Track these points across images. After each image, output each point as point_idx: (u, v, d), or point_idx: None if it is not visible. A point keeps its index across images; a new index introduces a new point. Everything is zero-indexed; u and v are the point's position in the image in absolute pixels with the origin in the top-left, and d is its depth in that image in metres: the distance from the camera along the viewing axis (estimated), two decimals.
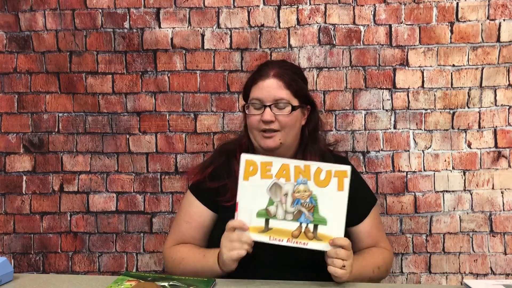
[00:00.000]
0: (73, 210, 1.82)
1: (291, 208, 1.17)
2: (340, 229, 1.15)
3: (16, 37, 1.80)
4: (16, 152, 1.82)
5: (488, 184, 1.74)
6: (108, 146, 1.80)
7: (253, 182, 1.19)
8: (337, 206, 1.16)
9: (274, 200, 1.18)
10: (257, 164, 1.20)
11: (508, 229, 1.74)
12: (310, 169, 1.17)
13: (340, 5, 1.73)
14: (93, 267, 1.82)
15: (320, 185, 1.17)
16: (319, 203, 1.16)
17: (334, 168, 1.17)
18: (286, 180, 1.18)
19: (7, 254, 1.81)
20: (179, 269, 1.32)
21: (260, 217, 1.18)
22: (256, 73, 1.39)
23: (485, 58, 1.71)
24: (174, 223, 1.46)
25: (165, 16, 1.76)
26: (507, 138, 1.73)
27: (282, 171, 1.18)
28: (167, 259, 1.40)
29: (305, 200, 1.17)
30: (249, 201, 1.19)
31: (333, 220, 1.15)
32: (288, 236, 1.16)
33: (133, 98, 1.79)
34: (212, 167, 1.41)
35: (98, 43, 1.78)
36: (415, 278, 1.76)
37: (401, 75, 1.74)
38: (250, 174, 1.20)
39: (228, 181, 1.35)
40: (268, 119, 1.30)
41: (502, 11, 1.70)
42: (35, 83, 1.81)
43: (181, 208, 1.46)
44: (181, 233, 1.41)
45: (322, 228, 1.15)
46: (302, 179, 1.17)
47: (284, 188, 1.18)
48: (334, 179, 1.16)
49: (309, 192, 1.17)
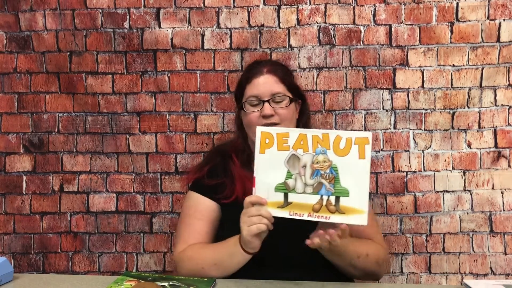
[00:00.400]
0: (73, 210, 1.82)
1: (311, 180, 1.10)
2: (363, 200, 1.07)
3: (16, 37, 1.80)
4: (16, 152, 1.82)
5: (488, 184, 1.74)
6: (108, 146, 1.80)
7: (270, 155, 1.13)
8: (359, 175, 1.08)
9: (292, 173, 1.11)
10: (273, 135, 1.13)
11: (508, 229, 1.74)
12: (329, 138, 1.10)
13: (340, 5, 1.73)
14: (93, 267, 1.82)
15: (340, 154, 1.09)
16: (340, 173, 1.08)
17: (354, 135, 1.09)
18: (304, 150, 1.11)
19: (7, 254, 1.81)
20: (198, 265, 1.25)
21: (279, 191, 1.11)
22: (248, 72, 1.42)
23: (485, 58, 1.71)
24: (182, 226, 1.39)
25: (165, 16, 1.76)
26: (507, 138, 1.73)
27: (299, 142, 1.11)
28: (183, 260, 1.30)
29: (325, 171, 1.09)
30: (266, 175, 1.12)
31: (356, 191, 1.07)
32: (308, 211, 1.09)
33: (133, 98, 1.79)
34: (208, 166, 1.43)
35: (98, 43, 1.78)
36: (415, 278, 1.76)
37: (401, 75, 1.74)
38: (266, 146, 1.13)
39: (225, 179, 1.37)
40: (268, 113, 1.32)
41: (502, 11, 1.70)
42: (35, 83, 1.81)
43: (187, 208, 1.41)
44: (194, 232, 1.35)
45: (344, 200, 1.08)
46: (321, 148, 1.10)
47: (302, 160, 1.11)
48: (355, 146, 1.08)
49: (329, 162, 1.09)
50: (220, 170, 1.40)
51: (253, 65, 1.46)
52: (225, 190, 1.35)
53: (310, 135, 1.11)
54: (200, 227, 1.36)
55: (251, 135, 1.37)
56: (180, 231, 1.40)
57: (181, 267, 1.29)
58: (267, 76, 1.37)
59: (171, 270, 1.79)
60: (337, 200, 1.09)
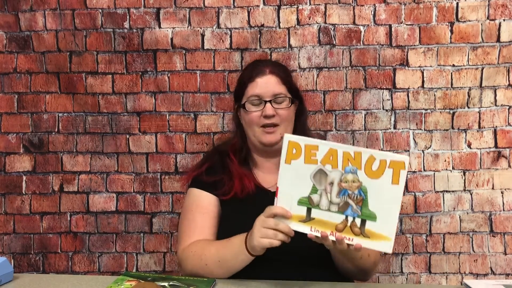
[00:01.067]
0: (73, 210, 1.82)
1: (337, 198, 1.05)
2: (391, 228, 1.02)
3: (16, 37, 1.80)
4: (16, 152, 1.82)
5: (488, 184, 1.74)
6: (108, 146, 1.80)
7: (296, 166, 1.08)
8: (390, 202, 1.02)
9: (318, 188, 1.06)
10: (301, 146, 1.08)
11: (508, 229, 1.74)
12: (361, 157, 1.03)
13: (340, 5, 1.73)
14: (93, 267, 1.82)
15: (372, 176, 1.03)
16: (369, 196, 1.03)
17: (389, 157, 1.03)
18: (332, 167, 1.05)
19: (7, 254, 1.81)
20: (202, 262, 1.23)
21: (302, 205, 1.07)
22: (250, 71, 1.41)
23: (485, 58, 1.71)
24: (185, 222, 1.37)
25: (165, 16, 1.76)
26: (507, 138, 1.73)
27: (328, 157, 1.05)
28: (187, 256, 1.27)
29: (353, 191, 1.04)
30: (290, 187, 1.08)
31: (384, 217, 1.02)
32: (331, 229, 1.05)
33: (133, 98, 1.79)
34: (207, 164, 1.43)
35: (98, 43, 1.78)
36: (415, 278, 1.76)
37: (401, 75, 1.74)
38: (293, 157, 1.08)
39: (223, 176, 1.38)
40: (270, 114, 1.33)
41: (502, 11, 1.70)
42: (35, 83, 1.81)
43: (189, 205, 1.39)
44: (198, 227, 1.33)
45: (370, 224, 1.03)
46: (351, 167, 1.04)
47: (330, 176, 1.06)
48: (389, 170, 1.02)
49: (358, 183, 1.04)
50: (218, 168, 1.40)
51: (255, 64, 1.46)
52: (224, 186, 1.36)
53: (341, 151, 1.05)
54: (203, 222, 1.34)
55: (251, 135, 1.38)
56: (182, 228, 1.37)
57: (186, 264, 1.27)
58: (270, 77, 1.36)
59: (171, 270, 1.79)
60: (362, 223, 1.04)
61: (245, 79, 1.40)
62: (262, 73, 1.37)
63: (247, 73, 1.41)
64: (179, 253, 1.32)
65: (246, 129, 1.41)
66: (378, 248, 1.05)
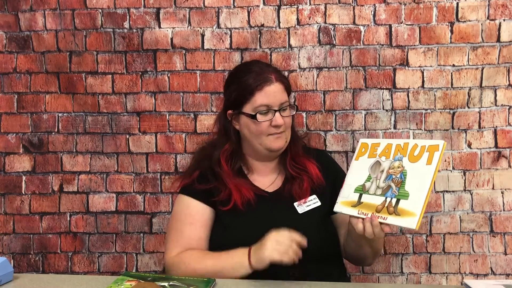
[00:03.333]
0: (72, 210, 1.82)
1: (383, 183, 1.16)
2: (418, 204, 1.07)
3: (16, 37, 1.80)
4: (15, 152, 1.82)
5: (488, 184, 1.74)
6: (108, 146, 1.80)
7: (361, 161, 1.24)
8: (422, 180, 1.09)
9: (372, 176, 1.19)
10: (368, 145, 1.25)
11: (508, 229, 1.74)
12: (408, 146, 1.16)
13: (340, 5, 1.73)
14: (93, 267, 1.82)
15: (413, 160, 1.14)
16: (408, 177, 1.12)
17: (428, 143, 1.14)
18: (386, 157, 1.19)
19: (7, 254, 1.81)
20: (197, 273, 1.22)
21: (357, 192, 1.20)
22: (257, 78, 1.31)
23: (485, 58, 1.71)
24: (172, 232, 1.35)
25: (165, 16, 1.76)
26: (507, 138, 1.73)
27: (385, 150, 1.20)
28: (178, 266, 1.26)
29: (396, 176, 1.15)
30: (354, 178, 1.22)
31: (415, 195, 1.09)
32: (372, 210, 1.14)
33: (133, 98, 1.79)
34: (198, 171, 1.37)
35: (98, 43, 1.78)
36: (415, 278, 1.76)
37: (401, 75, 1.74)
38: (361, 154, 1.25)
39: (216, 184, 1.33)
40: (281, 123, 1.30)
41: (502, 11, 1.70)
42: (35, 83, 1.81)
43: (178, 214, 1.36)
44: (186, 237, 1.31)
45: (403, 202, 1.10)
46: (399, 155, 1.17)
47: (382, 165, 1.19)
48: (426, 153, 1.12)
49: (402, 168, 1.15)
50: (209, 175, 1.35)
51: (258, 69, 1.34)
52: (220, 193, 1.32)
53: (395, 144, 1.19)
54: (192, 232, 1.32)
55: (256, 143, 1.34)
56: (170, 236, 1.35)
57: (175, 271, 1.26)
58: (277, 85, 1.31)
59: None
60: (397, 202, 1.11)
61: (251, 86, 1.30)
62: (269, 81, 1.30)
63: (253, 80, 1.31)
64: (166, 259, 1.31)
65: (249, 137, 1.35)
66: (404, 225, 1.10)
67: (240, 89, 1.32)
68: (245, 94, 1.31)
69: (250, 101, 1.30)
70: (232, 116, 1.36)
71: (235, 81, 1.36)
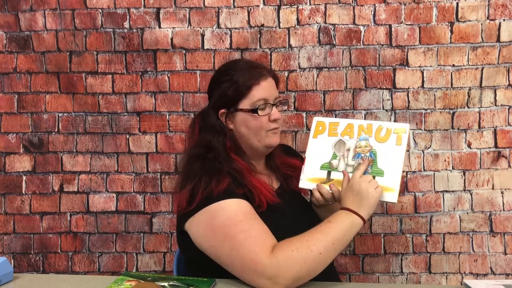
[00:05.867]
0: (73, 210, 1.82)
1: (352, 161, 1.24)
2: (395, 180, 1.19)
3: (16, 37, 1.80)
4: (16, 152, 1.82)
5: (488, 184, 1.74)
6: (108, 146, 1.80)
7: (321, 139, 1.29)
8: (395, 159, 1.20)
9: (337, 155, 1.26)
10: (325, 124, 1.30)
11: (508, 229, 1.74)
12: (372, 128, 1.25)
13: (340, 5, 1.73)
14: (93, 267, 1.82)
15: (380, 140, 1.23)
16: (378, 156, 1.22)
17: (394, 126, 1.24)
18: (350, 137, 1.26)
19: (7, 254, 1.81)
20: (313, 253, 1.05)
21: (323, 169, 1.27)
22: (251, 74, 1.28)
23: (485, 58, 1.71)
24: (241, 236, 1.07)
25: (165, 16, 1.76)
26: (507, 138, 1.73)
27: (347, 130, 1.27)
28: (285, 258, 1.04)
29: (365, 154, 1.23)
30: (315, 156, 1.28)
31: (390, 172, 1.19)
32: None
33: (133, 98, 1.79)
34: (228, 178, 1.18)
35: (98, 43, 1.78)
36: (415, 278, 1.76)
37: (401, 75, 1.74)
38: (319, 132, 1.30)
39: (248, 188, 1.20)
40: (279, 117, 1.30)
41: (502, 11, 1.70)
42: (35, 83, 1.81)
43: (234, 216, 1.10)
44: (263, 231, 1.10)
45: (379, 179, 1.19)
46: (364, 136, 1.25)
47: (347, 144, 1.26)
48: (393, 135, 1.22)
49: (369, 147, 1.23)
50: (239, 180, 1.20)
51: (250, 65, 1.33)
52: (253, 198, 1.19)
53: (357, 125, 1.27)
54: (263, 226, 1.11)
55: (255, 140, 1.29)
56: (247, 242, 1.06)
57: (290, 265, 1.04)
58: (270, 79, 1.30)
59: (171, 270, 1.79)
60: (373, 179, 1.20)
61: (248, 82, 1.26)
62: (264, 75, 1.28)
63: (248, 76, 1.27)
64: (266, 264, 1.03)
65: (247, 135, 1.29)
66: (386, 199, 1.19)
67: (235, 86, 1.27)
68: (241, 90, 1.27)
69: (248, 96, 1.26)
70: (225, 115, 1.30)
71: (226, 79, 1.30)
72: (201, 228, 1.13)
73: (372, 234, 1.77)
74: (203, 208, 1.12)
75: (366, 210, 1.15)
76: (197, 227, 1.14)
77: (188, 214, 1.15)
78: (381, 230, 1.77)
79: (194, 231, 1.15)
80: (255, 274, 1.05)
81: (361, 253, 1.78)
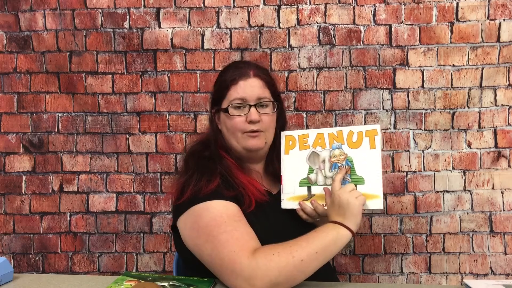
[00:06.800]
0: (72, 210, 1.82)
1: (330, 173, 1.21)
2: (377, 185, 1.16)
3: (16, 37, 1.80)
4: (16, 152, 1.82)
5: (488, 184, 1.74)
6: (108, 146, 1.80)
7: (293, 155, 1.25)
8: (372, 164, 1.18)
9: (313, 168, 1.23)
10: (295, 138, 1.26)
11: (508, 229, 1.74)
12: (342, 134, 1.22)
13: (340, 5, 1.73)
14: (93, 267, 1.82)
15: (353, 147, 1.20)
16: (355, 163, 1.19)
17: (364, 128, 1.21)
18: (322, 147, 1.23)
19: (7, 254, 1.81)
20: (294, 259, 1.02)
21: (303, 185, 1.23)
22: (232, 73, 1.28)
23: (485, 58, 1.71)
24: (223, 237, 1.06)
25: (165, 16, 1.76)
26: (507, 138, 1.73)
27: (318, 140, 1.24)
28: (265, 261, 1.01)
29: (341, 163, 1.20)
30: (291, 173, 1.24)
31: (370, 178, 1.17)
32: None
33: (133, 98, 1.79)
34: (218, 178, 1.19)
35: (98, 43, 1.78)
36: (415, 278, 1.76)
37: (401, 75, 1.74)
38: (290, 148, 1.26)
39: (239, 190, 1.20)
40: (256, 119, 1.23)
41: (502, 11, 1.70)
42: (35, 83, 1.81)
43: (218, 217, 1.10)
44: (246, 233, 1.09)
45: (361, 187, 1.16)
46: (336, 144, 1.22)
47: (321, 155, 1.23)
48: (366, 139, 1.19)
49: (344, 155, 1.20)
50: (228, 185, 1.20)
51: (236, 65, 1.32)
52: (244, 201, 1.18)
53: (327, 133, 1.23)
54: (247, 228, 1.10)
55: (233, 141, 1.27)
56: (228, 243, 1.05)
57: (268, 269, 1.01)
58: (254, 80, 1.26)
59: (171, 270, 1.79)
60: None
61: (227, 81, 1.26)
62: (246, 75, 1.26)
63: (229, 75, 1.27)
64: (245, 265, 1.01)
65: (227, 135, 1.28)
66: (372, 207, 1.16)
67: (218, 86, 1.31)
68: (222, 89, 1.28)
69: (226, 96, 1.26)
70: (214, 114, 1.32)
71: (217, 79, 1.34)
72: (187, 227, 1.15)
73: (372, 234, 1.77)
74: (190, 207, 1.14)
75: (352, 221, 1.11)
76: (184, 226, 1.16)
77: (177, 211, 1.18)
78: (381, 230, 1.77)
79: (182, 230, 1.17)
80: (233, 275, 1.02)
81: (361, 253, 1.78)
